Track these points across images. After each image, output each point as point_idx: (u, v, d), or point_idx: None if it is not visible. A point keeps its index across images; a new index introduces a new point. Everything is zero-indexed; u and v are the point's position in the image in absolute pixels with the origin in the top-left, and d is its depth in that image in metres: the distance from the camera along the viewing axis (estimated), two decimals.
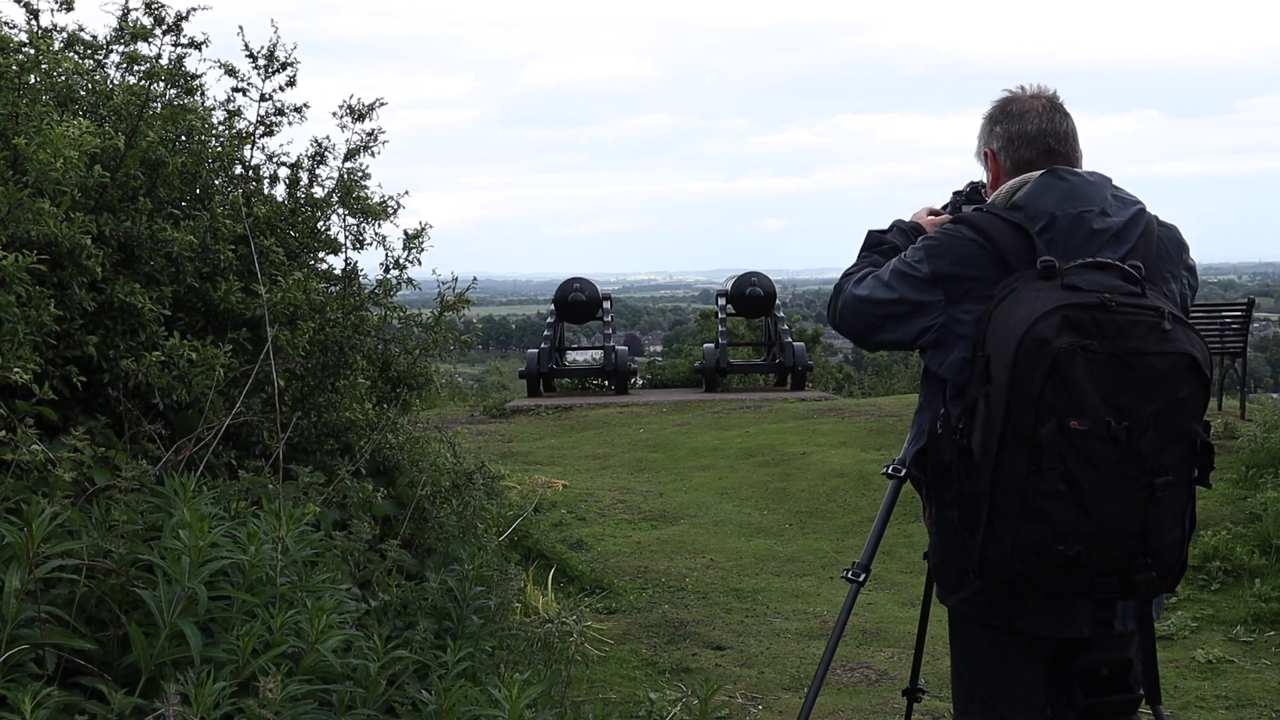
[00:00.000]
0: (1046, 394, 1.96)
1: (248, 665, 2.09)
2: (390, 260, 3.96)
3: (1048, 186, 2.21)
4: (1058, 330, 1.97)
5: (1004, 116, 2.33)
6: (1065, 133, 2.30)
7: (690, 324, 32.31)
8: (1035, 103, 2.32)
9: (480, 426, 12.03)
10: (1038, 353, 1.97)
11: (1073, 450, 1.96)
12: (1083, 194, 2.20)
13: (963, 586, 2.28)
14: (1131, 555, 2.02)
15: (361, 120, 3.87)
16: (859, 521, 7.58)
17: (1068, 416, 1.96)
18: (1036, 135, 2.29)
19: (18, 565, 1.96)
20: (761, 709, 4.29)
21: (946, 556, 2.32)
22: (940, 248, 2.25)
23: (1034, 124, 2.29)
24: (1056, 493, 1.97)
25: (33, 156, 2.61)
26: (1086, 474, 1.96)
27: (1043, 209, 2.18)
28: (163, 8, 3.47)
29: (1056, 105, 2.32)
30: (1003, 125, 2.33)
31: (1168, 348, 1.99)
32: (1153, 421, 1.98)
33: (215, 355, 2.94)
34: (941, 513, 2.28)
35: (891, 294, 2.29)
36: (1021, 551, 2.01)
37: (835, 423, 10.85)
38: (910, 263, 2.28)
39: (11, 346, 2.44)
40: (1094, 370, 1.96)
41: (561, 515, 7.57)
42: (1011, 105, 2.34)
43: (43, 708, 1.78)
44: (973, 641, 2.34)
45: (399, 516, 3.73)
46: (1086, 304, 2.00)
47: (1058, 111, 2.31)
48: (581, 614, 4.98)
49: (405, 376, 4.10)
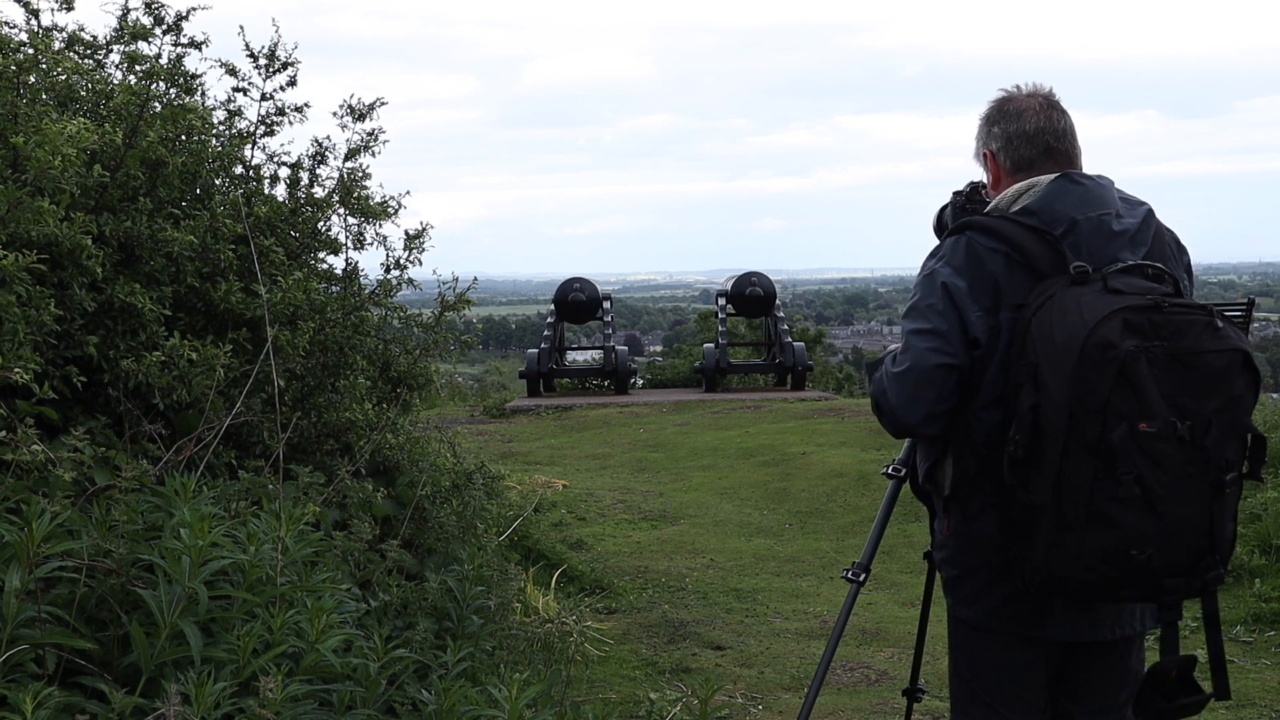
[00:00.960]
0: (1114, 399, 1.94)
1: (248, 665, 2.09)
2: (391, 260, 3.96)
3: (1062, 191, 2.18)
4: (1121, 334, 1.95)
5: (1001, 116, 2.31)
6: (1064, 130, 2.28)
7: (690, 324, 32.32)
8: (1032, 101, 2.30)
9: (480, 426, 12.03)
10: (1104, 357, 1.94)
11: (1143, 453, 1.94)
12: (1097, 197, 2.18)
13: (983, 598, 2.26)
14: (1199, 555, 2.00)
15: (362, 120, 3.87)
16: (859, 521, 7.58)
17: (1137, 420, 1.94)
18: (1035, 134, 2.27)
19: (18, 565, 1.96)
20: (761, 709, 4.29)
21: (968, 570, 2.27)
22: (967, 258, 2.17)
23: (1032, 122, 2.27)
24: (1130, 498, 1.95)
25: (31, 155, 2.61)
26: (1156, 476, 1.95)
27: (1061, 213, 2.15)
28: (163, 7, 3.47)
29: (1054, 103, 2.30)
30: (1000, 125, 2.31)
31: (1223, 345, 1.99)
32: (1213, 419, 1.97)
33: (215, 355, 2.94)
34: (964, 525, 2.24)
35: (943, 330, 2.16)
36: (1090, 560, 1.98)
37: (835, 423, 10.85)
38: (944, 284, 2.17)
39: (12, 346, 2.44)
40: (1156, 372, 1.95)
41: (561, 515, 7.57)
42: (1008, 105, 2.32)
43: (44, 708, 1.78)
44: (979, 646, 2.33)
45: (399, 516, 3.73)
46: (1142, 306, 1.98)
47: (1055, 109, 2.29)
48: (581, 614, 4.98)
49: (405, 376, 4.10)
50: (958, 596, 2.32)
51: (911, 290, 2.26)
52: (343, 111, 3.84)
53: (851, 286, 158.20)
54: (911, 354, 2.17)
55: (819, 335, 22.17)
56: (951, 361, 2.14)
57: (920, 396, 2.16)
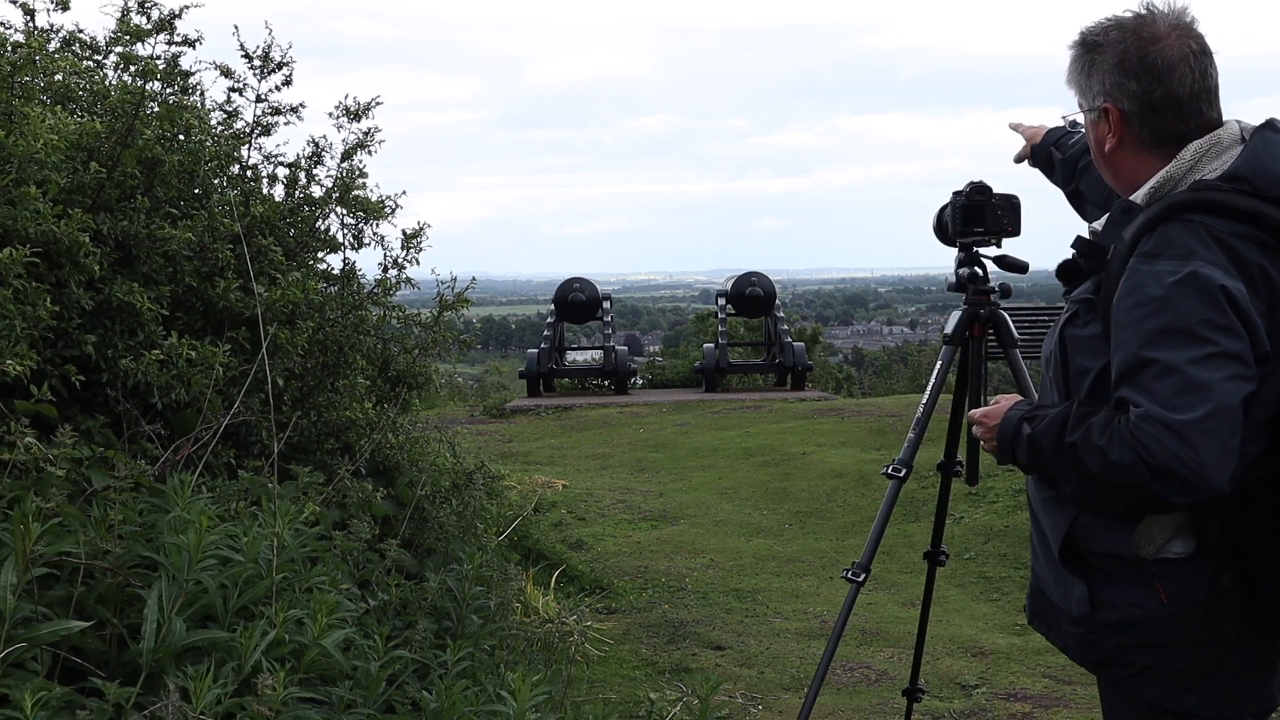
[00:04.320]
0: None
1: (249, 661, 2.08)
2: (389, 260, 3.97)
3: (1272, 145, 1.73)
4: None
5: (1144, 70, 1.76)
6: (1216, 88, 1.79)
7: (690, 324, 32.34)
8: (1183, 46, 1.76)
9: (480, 426, 12.03)
10: None
11: None
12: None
13: (1219, 674, 1.79)
14: None
15: (358, 120, 3.87)
16: (859, 521, 7.57)
17: None
18: (1189, 99, 1.76)
19: (14, 563, 1.96)
20: (761, 709, 4.28)
21: (1202, 640, 1.78)
22: (1220, 250, 1.66)
23: (1185, 84, 1.75)
24: None
25: (14, 145, 2.61)
26: None
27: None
28: (155, 6, 3.47)
29: (1205, 49, 1.78)
30: (1141, 82, 1.76)
31: None
32: None
33: (214, 354, 2.93)
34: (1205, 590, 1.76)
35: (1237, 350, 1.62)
36: None
37: (835, 423, 10.85)
38: (1222, 286, 1.63)
39: (8, 343, 2.44)
40: None
41: (561, 515, 7.57)
42: (1153, 53, 1.76)
43: (43, 706, 1.78)
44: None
45: (399, 516, 3.73)
46: None
47: (1207, 57, 1.77)
48: (581, 614, 4.97)
49: (405, 375, 4.10)
50: (1179, 681, 1.79)
51: (1135, 305, 1.68)
52: (338, 112, 3.85)
53: (851, 286, 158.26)
54: (1211, 391, 1.58)
55: (817, 335, 22.17)
56: (1255, 389, 1.64)
57: (1231, 446, 1.60)
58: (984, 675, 4.54)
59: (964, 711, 4.19)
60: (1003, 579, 6.14)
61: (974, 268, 3.23)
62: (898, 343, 57.00)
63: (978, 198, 3.15)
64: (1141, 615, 1.79)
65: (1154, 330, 1.64)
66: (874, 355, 41.08)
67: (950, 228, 3.21)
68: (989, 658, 4.74)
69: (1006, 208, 3.14)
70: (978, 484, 3.73)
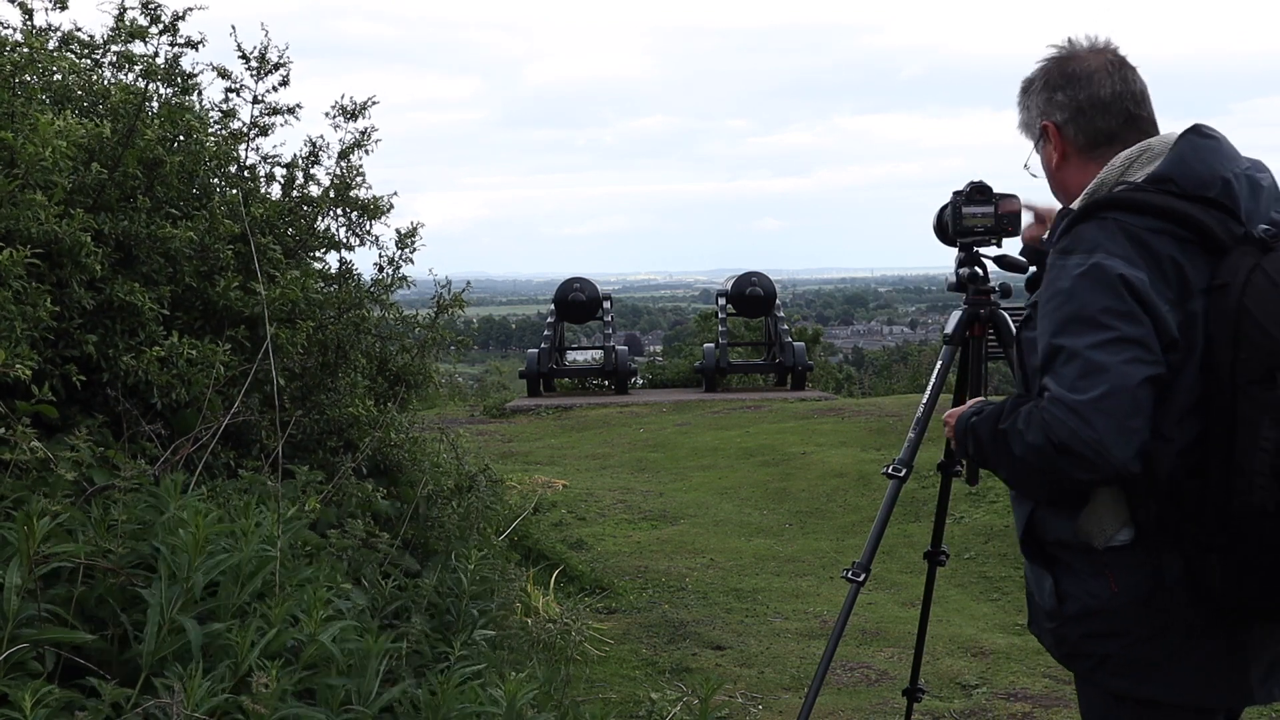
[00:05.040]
0: None
1: (246, 659, 2.08)
2: (385, 259, 3.98)
3: (1198, 148, 1.82)
4: None
5: (1066, 80, 1.91)
6: (1142, 93, 1.92)
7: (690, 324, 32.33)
8: (1100, 59, 1.91)
9: (480, 426, 12.03)
10: None
11: None
12: (1233, 152, 1.85)
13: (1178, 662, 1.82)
14: None
15: (354, 119, 3.88)
16: (859, 521, 7.57)
17: None
18: (1111, 100, 1.89)
19: (19, 563, 1.96)
20: (761, 709, 4.28)
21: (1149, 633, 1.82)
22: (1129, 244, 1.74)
23: (1106, 86, 1.89)
24: None
25: (20, 149, 2.61)
26: None
27: (1207, 174, 1.79)
28: (159, 7, 3.47)
29: (1123, 60, 1.93)
30: (1066, 91, 1.91)
31: None
32: None
33: (214, 353, 2.94)
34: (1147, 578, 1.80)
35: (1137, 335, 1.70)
36: None
37: (835, 423, 10.85)
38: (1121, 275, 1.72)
39: (9, 343, 2.44)
40: None
41: (561, 515, 7.57)
42: (1072, 65, 1.92)
43: (43, 705, 1.78)
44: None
45: (400, 516, 3.73)
46: None
47: (1128, 67, 1.92)
48: (581, 614, 4.97)
49: (403, 374, 4.11)
50: (1138, 670, 1.83)
51: (1050, 298, 1.79)
52: (335, 111, 3.86)
53: (851, 286, 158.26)
54: (1108, 373, 1.67)
55: (819, 336, 22.17)
56: (1159, 372, 1.70)
57: (1131, 425, 1.67)
58: (984, 675, 4.55)
59: (964, 711, 4.19)
60: (1003, 579, 6.14)
61: (974, 268, 3.24)
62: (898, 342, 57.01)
63: (979, 198, 3.16)
64: (1097, 605, 1.85)
65: (1062, 319, 1.75)
66: (874, 355, 41.06)
67: (950, 227, 3.22)
68: (989, 658, 4.74)
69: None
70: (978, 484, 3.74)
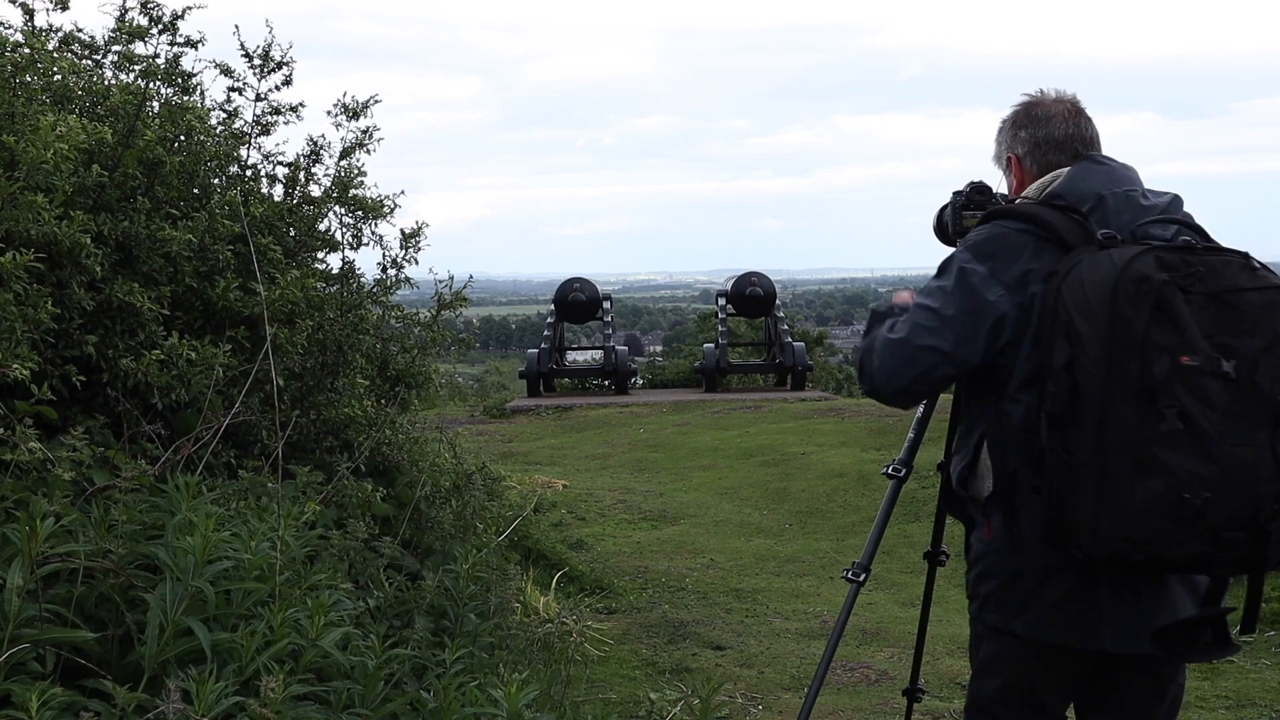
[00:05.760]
0: (1153, 332, 1.86)
1: (251, 663, 2.08)
2: (388, 259, 3.96)
3: (1087, 171, 2.19)
4: (1155, 268, 1.89)
5: (1029, 121, 2.30)
6: (1091, 137, 2.27)
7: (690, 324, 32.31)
8: (1060, 106, 2.29)
9: (480, 426, 12.03)
10: (1137, 291, 1.87)
11: (1187, 389, 1.85)
12: (1123, 176, 2.18)
13: (1034, 604, 2.13)
14: (1260, 504, 1.87)
15: (356, 118, 3.87)
16: (859, 521, 7.58)
17: (1178, 353, 1.85)
18: (1064, 140, 2.26)
19: (20, 564, 1.96)
20: (761, 709, 4.29)
21: (1016, 574, 2.15)
22: (990, 242, 2.14)
23: (1061, 128, 2.26)
24: (1174, 435, 1.84)
25: (21, 151, 2.61)
26: (1203, 414, 1.85)
27: (1087, 191, 2.14)
28: (158, 7, 3.47)
29: (1080, 110, 2.29)
30: (1028, 130, 2.29)
31: (1262, 283, 1.92)
32: (1259, 358, 1.88)
33: (214, 354, 2.94)
34: (1009, 524, 2.12)
35: (945, 314, 2.12)
36: (1139, 512, 1.86)
37: (835, 423, 10.85)
38: (960, 268, 2.13)
39: (9, 345, 2.44)
40: (1193, 310, 1.88)
41: (561, 515, 7.57)
42: (1036, 109, 2.30)
43: (48, 707, 1.78)
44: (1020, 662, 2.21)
45: (399, 516, 3.73)
46: (1175, 247, 1.95)
47: (1082, 116, 2.28)
48: (581, 614, 4.97)
49: (404, 374, 4.10)
50: (1005, 608, 2.17)
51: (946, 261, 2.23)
52: (337, 110, 3.84)
53: (851, 286, 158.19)
54: (908, 327, 2.15)
55: (820, 336, 22.17)
56: (940, 347, 2.11)
57: (901, 371, 2.16)
58: None
59: (964, 711, 4.19)
60: None
61: None
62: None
63: (978, 198, 3.16)
64: (980, 550, 2.22)
65: (924, 286, 2.22)
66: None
67: (950, 228, 3.22)
68: None
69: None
70: None
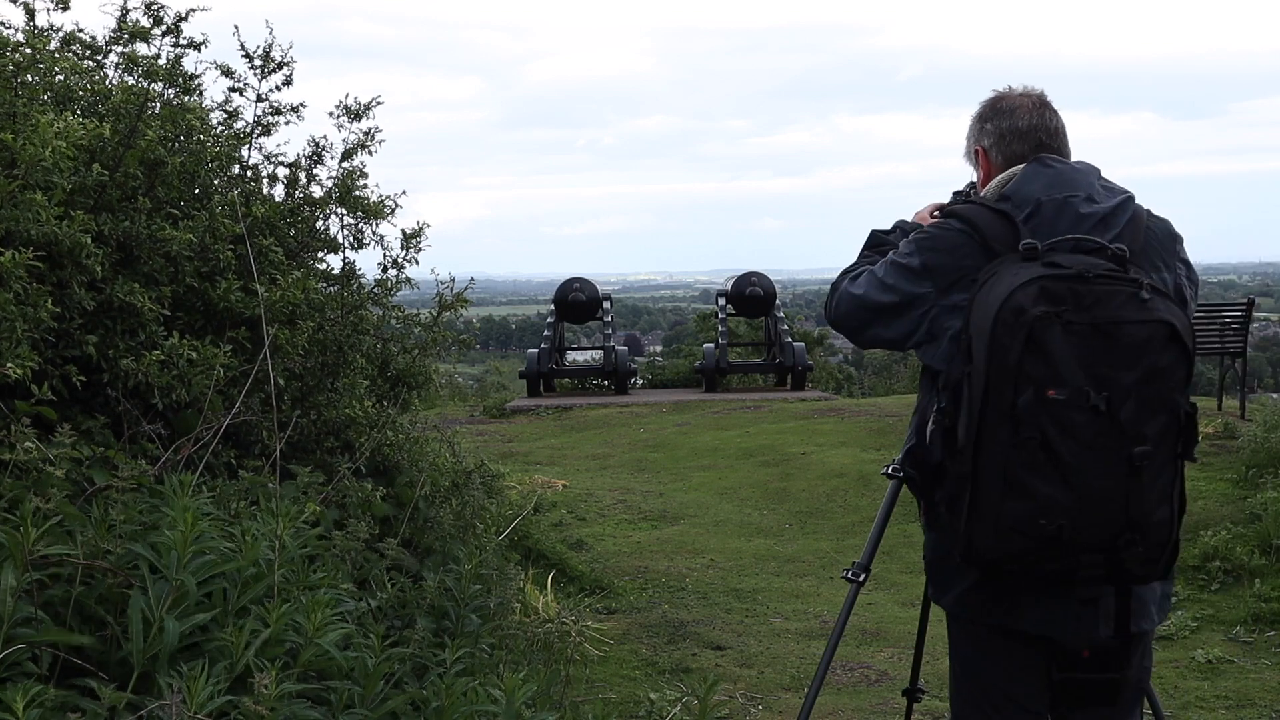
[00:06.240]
0: (1025, 363, 1.96)
1: (241, 659, 2.08)
2: (389, 260, 3.96)
3: (1034, 174, 2.23)
4: (1034, 300, 1.97)
5: (994, 114, 2.36)
6: (1055, 128, 2.33)
7: (690, 324, 32.30)
8: (1025, 100, 2.35)
9: (480, 426, 12.03)
10: (1014, 322, 1.97)
11: (1051, 420, 1.95)
12: (1068, 180, 2.21)
13: (955, 584, 2.27)
14: (1116, 531, 1.98)
15: (358, 119, 3.86)
16: (859, 521, 7.58)
17: (1045, 386, 1.95)
18: (1028, 130, 2.31)
19: (13, 564, 1.95)
20: (761, 709, 4.28)
21: (940, 555, 2.31)
22: (929, 239, 2.27)
23: (1024, 120, 2.32)
24: (1035, 463, 1.95)
25: (20, 150, 2.61)
26: (1065, 445, 1.94)
27: (1029, 196, 2.19)
28: (162, 8, 3.47)
29: (1045, 102, 2.35)
30: (993, 122, 2.36)
31: (1146, 316, 1.98)
32: (1133, 391, 1.96)
33: (214, 355, 2.93)
34: (931, 509, 2.28)
35: (885, 291, 2.30)
36: (1005, 530, 1.99)
37: (835, 423, 10.85)
38: (902, 255, 2.29)
39: (9, 344, 2.44)
40: (1072, 340, 1.96)
41: (561, 515, 7.57)
42: (1001, 103, 2.37)
43: (38, 706, 1.77)
44: (969, 644, 2.32)
45: (398, 516, 3.72)
46: (1064, 275, 2.00)
47: (1047, 108, 2.34)
48: (581, 614, 4.97)
49: (404, 375, 4.10)
50: (936, 583, 2.37)
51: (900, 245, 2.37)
52: (339, 111, 3.84)
53: None
54: (865, 285, 2.34)
55: (820, 336, 22.15)
56: (878, 318, 2.32)
57: (843, 324, 2.42)
58: None
59: None
60: None
61: None
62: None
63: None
64: (928, 536, 2.37)
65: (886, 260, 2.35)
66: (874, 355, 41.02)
67: None
68: None
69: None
70: None
